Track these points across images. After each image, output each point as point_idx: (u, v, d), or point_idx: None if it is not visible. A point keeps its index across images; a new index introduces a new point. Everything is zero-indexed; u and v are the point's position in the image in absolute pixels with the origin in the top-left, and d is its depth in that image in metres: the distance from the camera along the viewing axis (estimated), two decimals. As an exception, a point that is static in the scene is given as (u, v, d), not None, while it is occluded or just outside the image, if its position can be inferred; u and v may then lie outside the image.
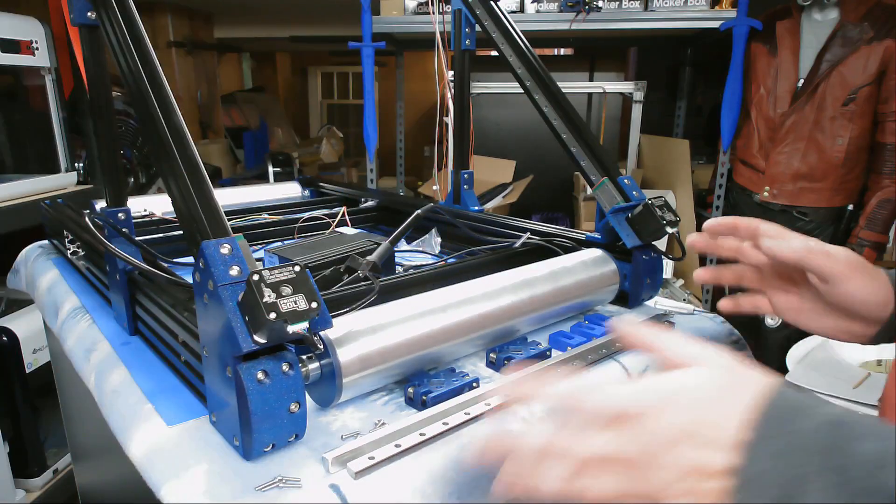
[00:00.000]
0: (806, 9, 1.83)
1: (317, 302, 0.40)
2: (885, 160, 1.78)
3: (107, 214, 0.67)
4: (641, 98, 2.39)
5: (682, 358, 0.36)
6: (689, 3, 1.95)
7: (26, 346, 1.43)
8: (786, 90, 1.86)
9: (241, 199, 1.20)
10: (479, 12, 0.87)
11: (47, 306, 0.84)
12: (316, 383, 0.48)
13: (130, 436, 0.48)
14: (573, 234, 0.82)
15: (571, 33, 2.07)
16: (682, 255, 0.78)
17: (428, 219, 0.94)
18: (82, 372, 0.64)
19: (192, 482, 0.41)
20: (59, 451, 1.55)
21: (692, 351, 0.36)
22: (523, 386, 0.39)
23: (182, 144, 0.49)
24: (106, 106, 0.67)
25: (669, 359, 0.37)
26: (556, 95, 0.78)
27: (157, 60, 0.53)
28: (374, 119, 2.07)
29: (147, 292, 0.60)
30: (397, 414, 0.50)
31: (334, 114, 6.13)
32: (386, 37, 2.03)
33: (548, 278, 0.65)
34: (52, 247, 1.02)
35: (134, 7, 0.56)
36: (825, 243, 0.53)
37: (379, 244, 0.77)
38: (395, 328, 0.52)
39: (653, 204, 0.69)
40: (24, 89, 1.71)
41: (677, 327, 0.68)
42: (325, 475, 0.42)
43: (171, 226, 0.97)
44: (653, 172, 2.53)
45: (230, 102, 4.15)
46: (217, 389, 0.44)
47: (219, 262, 0.42)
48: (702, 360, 0.36)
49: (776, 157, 1.89)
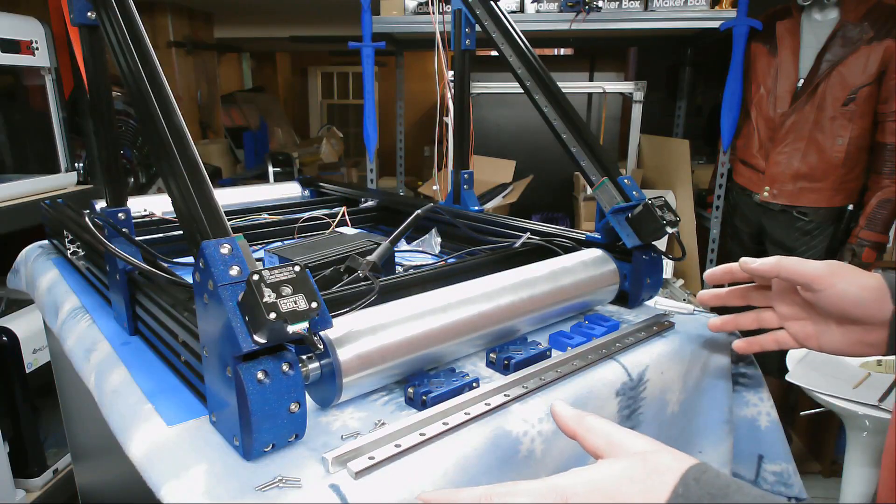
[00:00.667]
0: (806, 9, 1.83)
1: (317, 302, 0.40)
2: (885, 160, 1.78)
3: (107, 214, 0.67)
4: (641, 98, 2.39)
5: (600, 448, 0.37)
6: (689, 3, 1.95)
7: (26, 346, 1.43)
8: (786, 90, 1.86)
9: (241, 199, 1.20)
10: (479, 12, 0.87)
11: (47, 306, 0.84)
12: (316, 383, 0.48)
13: (130, 436, 0.48)
14: (573, 234, 0.82)
15: (571, 33, 2.07)
16: (682, 255, 0.78)
17: (428, 219, 0.94)
18: (82, 372, 0.64)
19: (192, 482, 0.41)
20: (59, 451, 1.55)
21: (611, 440, 0.37)
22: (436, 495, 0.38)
23: (182, 144, 0.48)
24: (106, 106, 0.67)
25: (590, 447, 0.38)
26: (556, 95, 0.78)
27: (157, 60, 0.53)
28: (374, 119, 2.07)
29: (147, 292, 0.60)
30: (397, 414, 0.50)
31: (334, 114, 6.12)
32: (386, 37, 2.03)
33: (548, 278, 0.65)
34: (52, 247, 1.02)
35: (134, 7, 0.56)
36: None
37: (379, 244, 0.77)
38: (395, 328, 0.52)
39: (653, 204, 0.69)
40: (24, 89, 1.71)
41: (675, 329, 0.68)
42: (325, 475, 0.42)
43: (171, 226, 0.97)
44: (653, 172, 2.53)
45: (230, 102, 4.14)
46: (217, 389, 0.44)
47: (219, 262, 0.42)
48: (618, 449, 0.36)
49: (776, 157, 1.89)
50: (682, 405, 0.66)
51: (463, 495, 0.35)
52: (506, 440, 0.48)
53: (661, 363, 0.62)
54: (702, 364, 0.67)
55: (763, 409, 0.71)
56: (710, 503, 0.31)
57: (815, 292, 0.54)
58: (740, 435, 0.71)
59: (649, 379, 0.61)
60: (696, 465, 0.33)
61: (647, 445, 0.36)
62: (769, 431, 0.71)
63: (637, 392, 0.60)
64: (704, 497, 0.31)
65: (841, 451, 1.97)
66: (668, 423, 0.64)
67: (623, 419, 0.59)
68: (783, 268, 0.55)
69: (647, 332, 0.65)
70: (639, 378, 0.60)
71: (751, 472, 0.72)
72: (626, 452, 0.36)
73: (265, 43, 4.45)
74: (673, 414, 0.65)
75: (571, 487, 0.34)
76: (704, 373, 0.67)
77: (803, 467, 2.13)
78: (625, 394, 0.59)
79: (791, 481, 0.70)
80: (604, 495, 0.33)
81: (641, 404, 0.61)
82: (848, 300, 0.53)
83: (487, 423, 0.48)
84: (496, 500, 0.34)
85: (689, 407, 0.67)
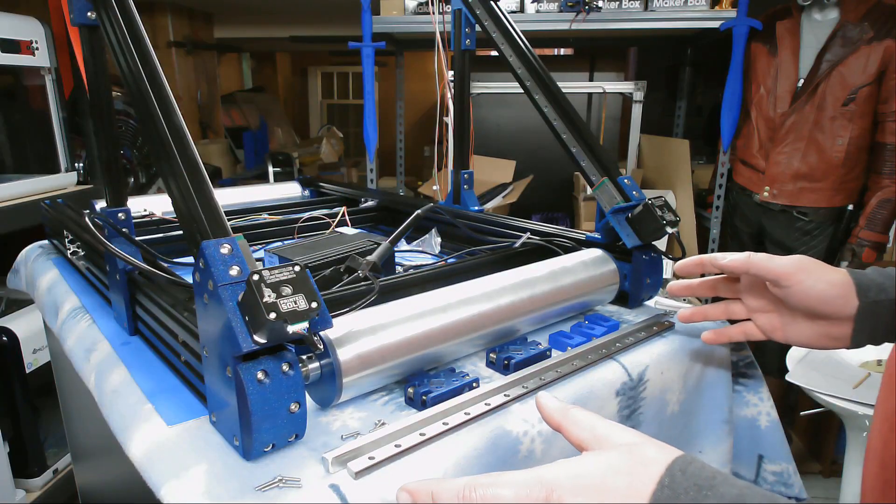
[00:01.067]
0: (806, 9, 1.83)
1: (317, 302, 0.40)
2: (885, 160, 1.78)
3: (107, 214, 0.67)
4: (641, 98, 2.39)
5: (584, 440, 0.37)
6: (689, 3, 1.95)
7: (26, 346, 1.43)
8: (786, 90, 1.86)
9: (241, 199, 1.20)
10: (479, 12, 0.87)
11: (47, 306, 0.84)
12: (316, 383, 0.48)
13: (130, 436, 0.48)
14: (573, 234, 0.82)
15: (571, 33, 2.07)
16: (682, 255, 0.78)
17: (428, 219, 0.94)
18: (82, 372, 0.64)
19: (191, 482, 0.41)
20: (59, 451, 1.55)
21: (596, 432, 0.37)
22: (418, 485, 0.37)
23: (182, 144, 0.48)
24: (106, 106, 0.67)
25: (575, 439, 0.38)
26: (556, 95, 0.78)
27: (157, 60, 0.53)
28: (374, 119, 2.07)
29: (147, 292, 0.60)
30: (397, 414, 0.50)
31: (334, 114, 6.12)
32: (386, 37, 2.03)
33: (548, 278, 0.65)
34: (52, 247, 1.02)
35: (134, 7, 0.56)
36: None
37: (379, 244, 0.77)
38: (395, 328, 0.52)
39: (653, 204, 0.69)
40: (24, 89, 1.71)
41: (675, 329, 0.68)
42: (325, 475, 0.42)
43: (171, 226, 0.97)
44: (653, 172, 2.53)
45: (230, 102, 4.14)
46: (217, 389, 0.44)
47: (219, 262, 0.42)
48: (603, 442, 0.36)
49: (776, 157, 1.89)
50: (682, 405, 0.66)
51: (446, 486, 0.35)
52: (506, 440, 0.48)
53: (661, 363, 0.62)
54: (702, 364, 0.67)
55: (763, 409, 0.71)
56: (695, 495, 0.31)
57: (783, 288, 0.56)
58: (740, 435, 0.71)
59: (649, 379, 0.61)
60: (682, 456, 0.33)
61: (633, 438, 0.36)
62: (769, 431, 0.71)
63: (637, 392, 0.60)
64: (691, 488, 0.31)
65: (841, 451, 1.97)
66: (668, 423, 0.64)
67: (623, 419, 0.59)
68: (752, 264, 0.56)
69: (647, 332, 0.65)
70: (639, 378, 0.60)
71: (751, 472, 0.72)
72: (611, 445, 0.36)
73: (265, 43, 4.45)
74: (673, 414, 0.65)
75: (556, 480, 0.33)
76: (704, 373, 0.67)
77: (803, 467, 2.13)
78: (625, 394, 0.59)
79: (791, 481, 0.70)
80: (589, 488, 0.33)
81: (641, 404, 0.61)
82: (814, 296, 0.54)
83: (487, 423, 0.48)
84: (479, 491, 0.34)
85: (689, 407, 0.67)
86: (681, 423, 0.66)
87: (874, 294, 0.53)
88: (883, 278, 0.54)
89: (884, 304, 0.53)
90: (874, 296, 0.53)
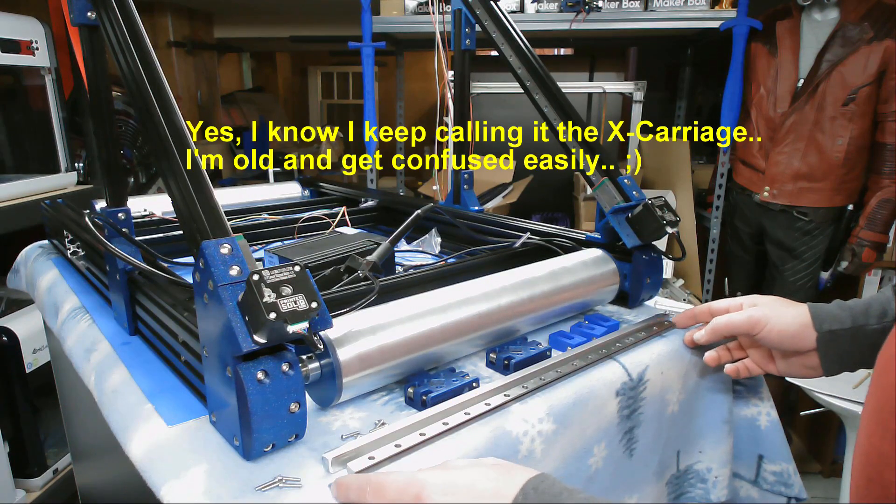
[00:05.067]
0: (806, 9, 1.83)
1: (317, 302, 0.40)
2: (885, 160, 1.78)
3: (107, 214, 0.67)
4: (641, 98, 2.39)
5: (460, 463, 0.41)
6: (689, 3, 1.95)
7: (26, 346, 1.43)
8: (786, 90, 1.86)
9: (241, 199, 1.20)
10: (479, 12, 0.87)
11: (47, 306, 0.84)
12: (316, 383, 0.48)
13: (130, 436, 0.48)
14: (573, 234, 0.82)
15: (571, 33, 2.07)
16: (682, 255, 0.78)
17: (428, 219, 0.94)
18: (82, 372, 0.64)
19: (191, 482, 0.41)
20: (59, 451, 1.55)
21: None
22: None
23: (182, 144, 0.49)
24: (106, 106, 0.67)
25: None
26: (556, 95, 0.78)
27: (157, 60, 0.53)
28: (375, 119, 2.07)
29: (147, 292, 0.60)
30: (397, 414, 0.50)
31: (334, 114, 6.12)
32: (386, 37, 2.03)
33: (548, 278, 0.65)
34: (52, 247, 1.02)
35: (134, 7, 0.56)
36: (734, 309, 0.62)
37: (379, 244, 0.77)
38: (395, 328, 0.52)
39: (653, 204, 0.69)
40: (24, 89, 1.71)
41: (676, 329, 0.68)
42: (325, 475, 0.42)
43: (171, 226, 0.97)
44: (653, 172, 2.53)
45: (230, 102, 4.14)
46: (217, 389, 0.44)
47: (219, 262, 0.42)
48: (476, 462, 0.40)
49: (776, 157, 1.89)
50: (682, 405, 0.66)
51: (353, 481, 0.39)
52: (506, 440, 0.48)
53: (662, 363, 0.62)
54: (702, 364, 0.67)
55: (763, 409, 0.71)
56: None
57: (753, 336, 0.61)
58: (740, 435, 0.71)
59: (649, 379, 0.61)
60: (537, 475, 0.37)
61: (495, 461, 0.40)
62: (769, 431, 0.71)
63: (637, 392, 0.60)
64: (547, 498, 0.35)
65: (841, 451, 1.97)
66: (668, 423, 0.64)
67: (623, 419, 0.59)
68: (716, 331, 0.62)
69: (647, 332, 0.65)
70: (639, 378, 0.60)
71: (751, 472, 0.72)
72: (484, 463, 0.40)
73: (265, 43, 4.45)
74: (673, 414, 0.65)
75: (432, 486, 0.37)
76: (704, 373, 0.67)
77: (803, 467, 2.13)
78: (625, 394, 0.59)
79: (791, 481, 0.70)
80: (458, 491, 0.37)
81: (641, 404, 0.61)
82: (777, 335, 0.59)
83: (487, 423, 0.48)
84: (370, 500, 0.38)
85: (689, 407, 0.67)
86: (681, 423, 0.66)
87: (828, 325, 0.58)
88: (839, 310, 0.59)
89: (840, 334, 0.58)
90: (828, 326, 0.58)
